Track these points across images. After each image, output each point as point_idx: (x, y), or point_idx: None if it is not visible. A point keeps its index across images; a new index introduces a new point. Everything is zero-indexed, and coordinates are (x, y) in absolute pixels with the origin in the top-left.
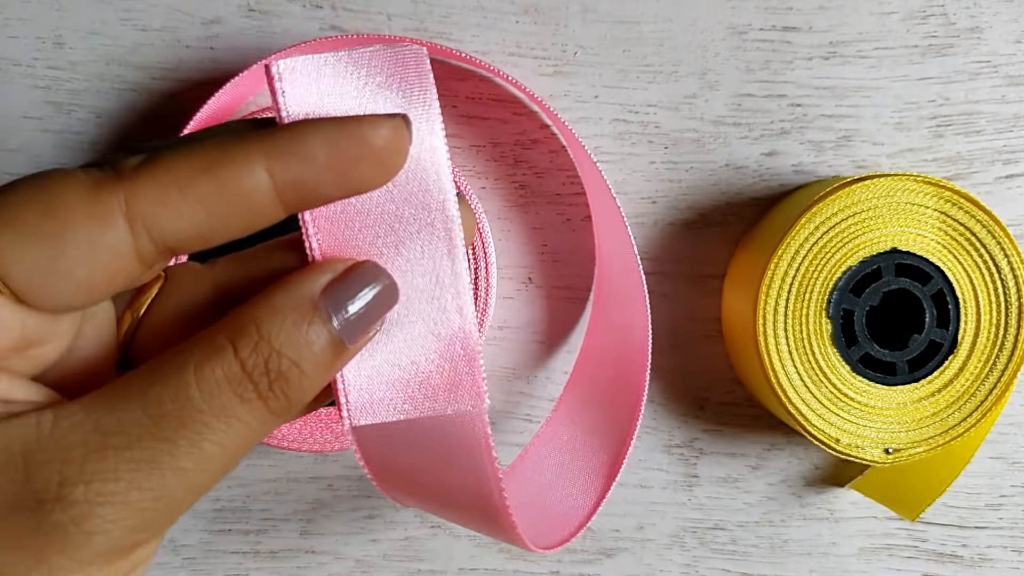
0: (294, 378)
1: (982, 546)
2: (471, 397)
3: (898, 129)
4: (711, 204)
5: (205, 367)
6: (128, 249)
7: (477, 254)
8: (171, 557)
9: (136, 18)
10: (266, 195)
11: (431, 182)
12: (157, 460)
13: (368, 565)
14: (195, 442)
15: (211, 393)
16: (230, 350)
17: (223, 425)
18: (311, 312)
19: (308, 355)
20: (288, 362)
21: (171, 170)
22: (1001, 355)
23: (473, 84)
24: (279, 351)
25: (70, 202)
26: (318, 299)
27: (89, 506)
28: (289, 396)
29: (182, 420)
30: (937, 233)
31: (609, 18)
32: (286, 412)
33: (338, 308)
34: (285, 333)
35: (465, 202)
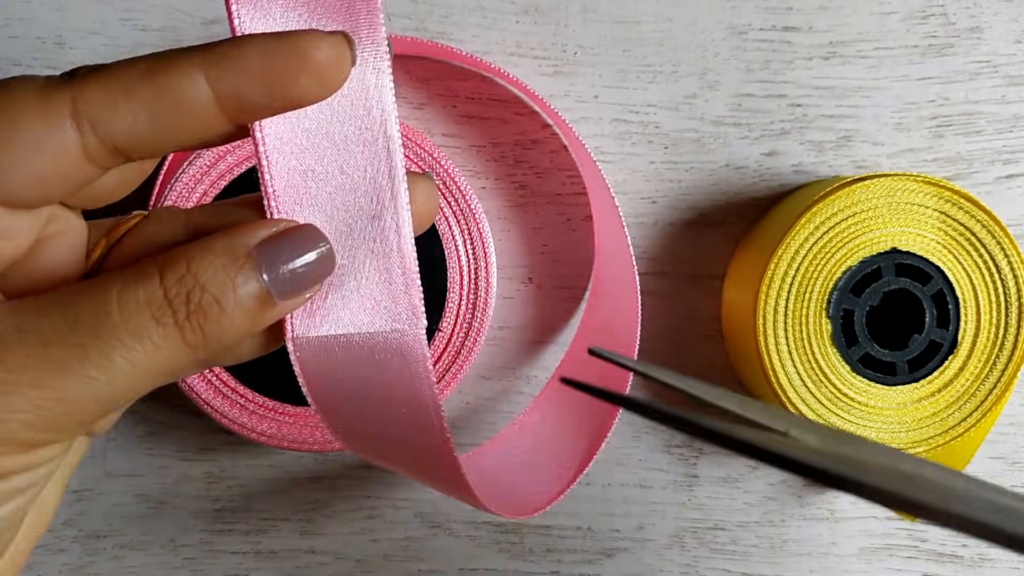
0: (213, 314)
1: (982, 546)
2: (408, 316)
3: (898, 129)
4: (711, 204)
5: (129, 287)
6: (75, 146)
7: (477, 254)
8: (171, 557)
9: (136, 18)
10: (205, 102)
11: (373, 104)
12: (65, 363)
13: (368, 565)
14: (106, 353)
15: (129, 311)
16: (156, 276)
17: (136, 344)
18: (242, 258)
19: (231, 296)
20: (209, 297)
21: (116, 75)
22: (1001, 355)
23: (473, 84)
24: (202, 285)
25: (20, 102)
26: (252, 249)
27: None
28: (205, 330)
29: (97, 331)
30: (937, 233)
31: (609, 18)
32: (200, 346)
33: (270, 262)
34: (212, 270)
35: (429, 179)
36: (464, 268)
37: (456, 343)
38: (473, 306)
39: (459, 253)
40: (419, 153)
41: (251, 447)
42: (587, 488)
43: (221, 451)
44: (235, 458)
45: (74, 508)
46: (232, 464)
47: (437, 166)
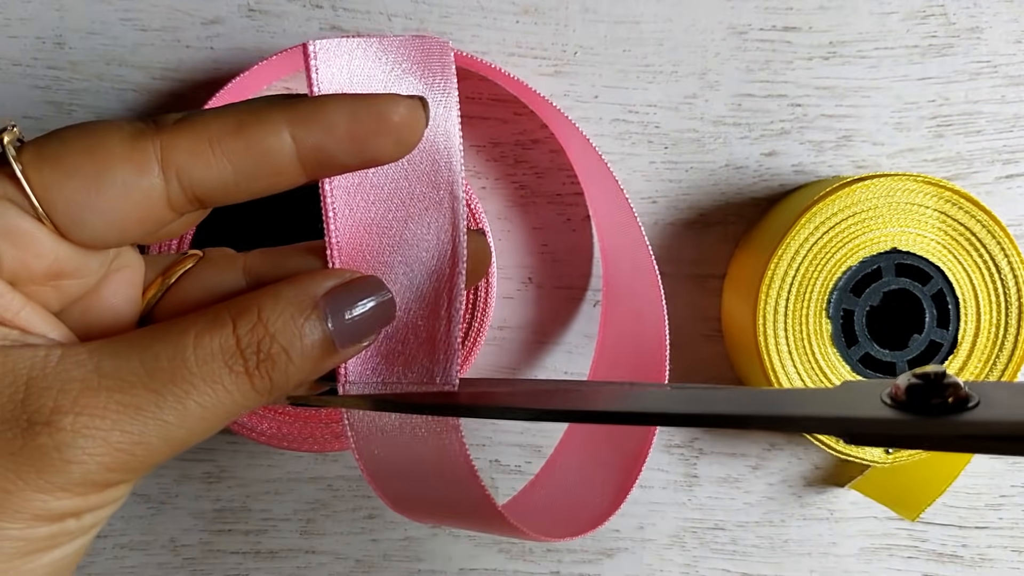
0: (280, 363)
1: (982, 546)
2: (444, 376)
3: (898, 129)
4: (711, 204)
5: (205, 335)
6: (160, 194)
7: None
8: (171, 557)
9: (136, 18)
10: (288, 156)
11: (442, 164)
12: (143, 407)
13: (368, 565)
14: (181, 399)
15: (204, 359)
16: (230, 325)
17: (209, 390)
18: (309, 308)
19: (298, 345)
20: (278, 347)
21: (205, 126)
22: (1001, 355)
23: (473, 84)
24: (272, 335)
25: (111, 147)
26: (319, 298)
27: (73, 436)
28: (273, 378)
29: (173, 377)
30: (937, 233)
31: (609, 18)
32: (267, 392)
33: (336, 311)
34: (282, 321)
35: (483, 238)
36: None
37: None
38: (473, 306)
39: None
40: None
41: (251, 447)
42: None
43: (221, 451)
44: (235, 458)
45: None
46: (232, 464)
47: None
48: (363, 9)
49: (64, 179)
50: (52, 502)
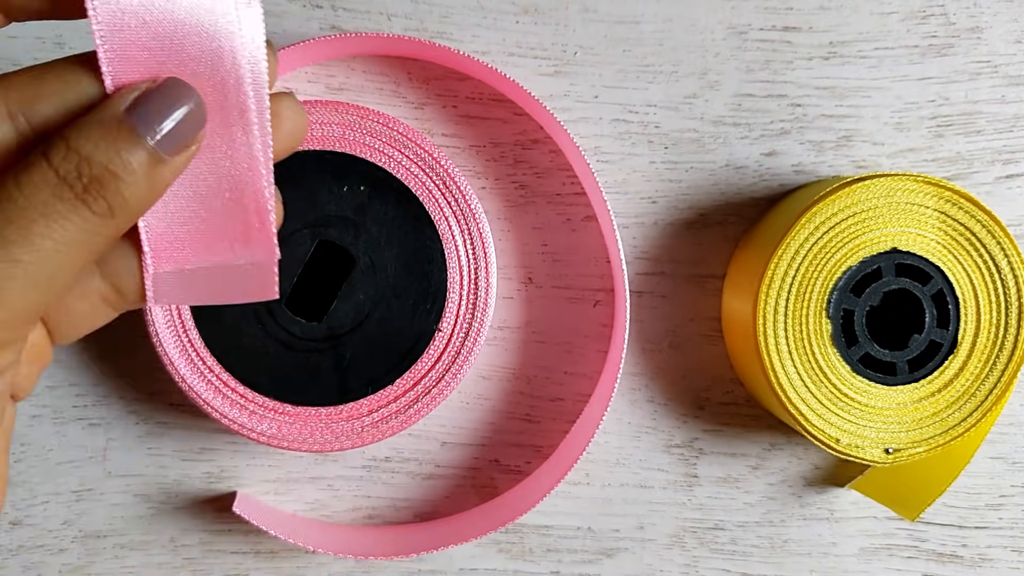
0: (109, 183)
1: (982, 546)
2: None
3: (898, 129)
4: (711, 204)
5: (22, 175)
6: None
7: (477, 254)
8: (171, 557)
9: None
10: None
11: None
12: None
13: (368, 565)
14: (23, 235)
15: (31, 194)
16: (43, 160)
17: (48, 221)
18: (117, 125)
19: (120, 163)
20: (99, 166)
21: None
22: (1001, 355)
23: (473, 84)
24: (87, 158)
25: None
26: (123, 115)
27: None
28: (108, 200)
29: (8, 217)
30: (937, 233)
31: (609, 18)
32: (109, 214)
33: (147, 123)
34: (92, 143)
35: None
36: (464, 268)
37: (456, 343)
38: (473, 306)
39: (459, 253)
40: (419, 153)
41: (251, 447)
42: (587, 488)
43: (221, 451)
44: (235, 458)
45: (74, 508)
46: (232, 464)
47: (437, 166)
48: (363, 9)
49: None
50: None
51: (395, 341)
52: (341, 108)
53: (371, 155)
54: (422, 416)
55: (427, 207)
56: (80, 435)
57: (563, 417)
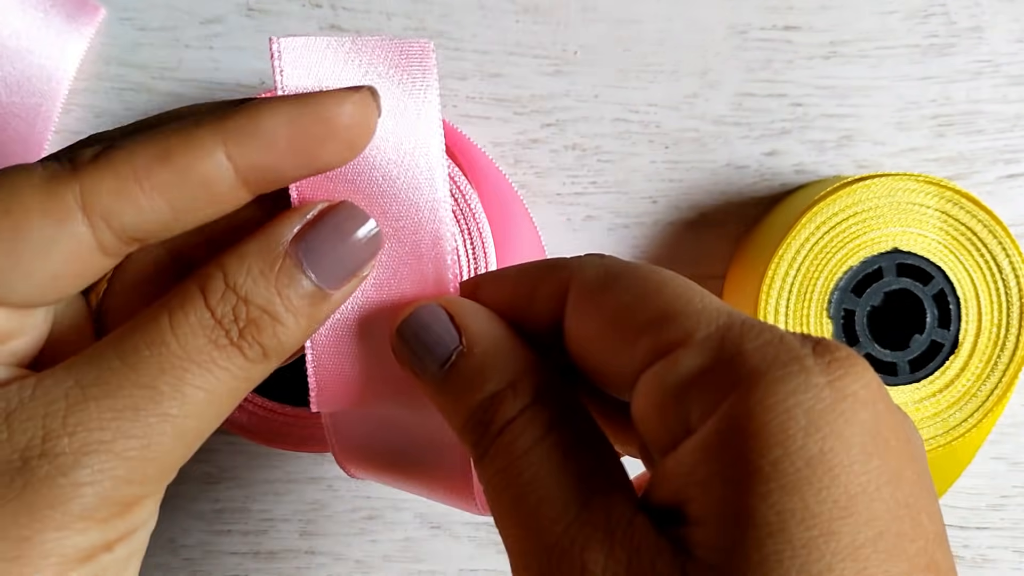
0: (266, 326)
1: (984, 547)
2: None
3: (899, 129)
4: (712, 204)
5: (178, 313)
6: (89, 243)
7: (477, 254)
8: (170, 558)
9: (135, 17)
10: (227, 181)
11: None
12: (140, 407)
13: (368, 566)
14: (176, 387)
15: (185, 339)
16: (200, 298)
17: (202, 370)
18: (279, 259)
19: (279, 303)
20: (257, 310)
21: (128, 161)
22: (1003, 355)
23: (473, 84)
24: (245, 299)
25: (25, 200)
26: (289, 245)
27: (75, 456)
28: (263, 344)
29: (161, 366)
30: (938, 233)
31: (609, 17)
32: (263, 360)
33: (313, 254)
34: (251, 281)
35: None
36: (464, 268)
37: None
38: None
39: (459, 253)
40: None
41: (250, 447)
42: None
43: (220, 451)
44: (234, 458)
45: None
46: (231, 465)
47: None
48: (363, 9)
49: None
50: (75, 537)
51: None
52: None
53: None
54: None
55: None
56: None
57: None
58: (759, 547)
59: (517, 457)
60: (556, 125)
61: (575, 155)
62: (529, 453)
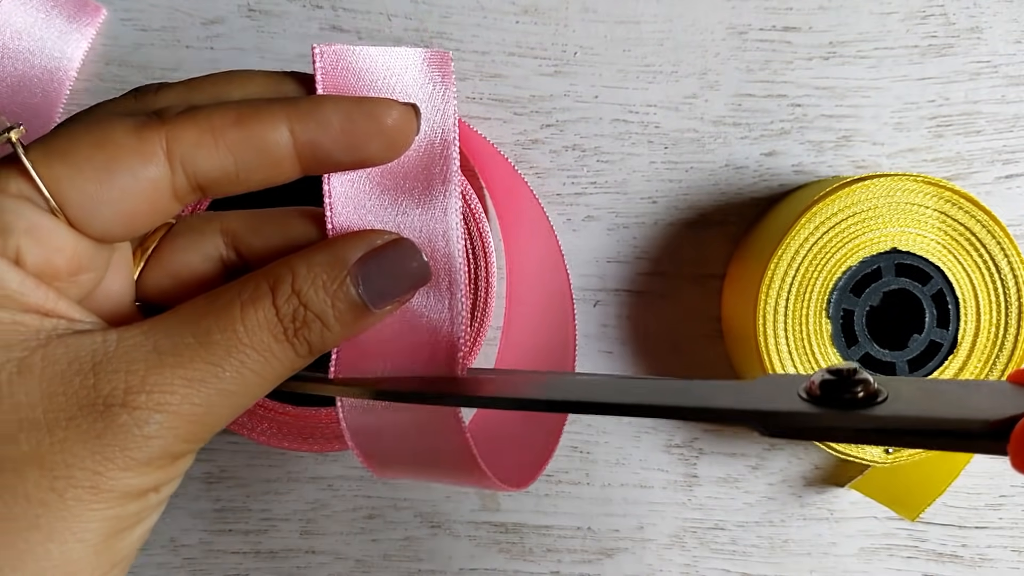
0: (316, 328)
1: (982, 546)
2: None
3: (898, 129)
4: (711, 204)
5: (249, 308)
6: (166, 183)
7: (477, 254)
8: (171, 557)
9: (136, 18)
10: (286, 150)
11: (437, 168)
12: (206, 380)
13: (368, 565)
14: (238, 369)
15: (253, 330)
16: (270, 296)
17: (261, 358)
18: (342, 275)
19: (331, 313)
20: (312, 315)
21: (208, 118)
22: (1001, 355)
23: (473, 84)
24: (306, 304)
25: (118, 139)
26: (353, 266)
27: (149, 412)
28: (311, 342)
29: (228, 350)
30: (937, 233)
31: (609, 18)
32: (308, 356)
33: (369, 277)
34: (314, 291)
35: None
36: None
37: None
38: (473, 306)
39: None
40: None
41: (251, 447)
42: (587, 488)
43: (221, 451)
44: (235, 458)
45: None
46: (232, 464)
47: None
48: (363, 9)
49: (75, 172)
50: (137, 478)
51: None
52: None
53: None
54: None
55: None
56: None
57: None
58: None
59: None
60: (556, 126)
61: (575, 155)
62: None
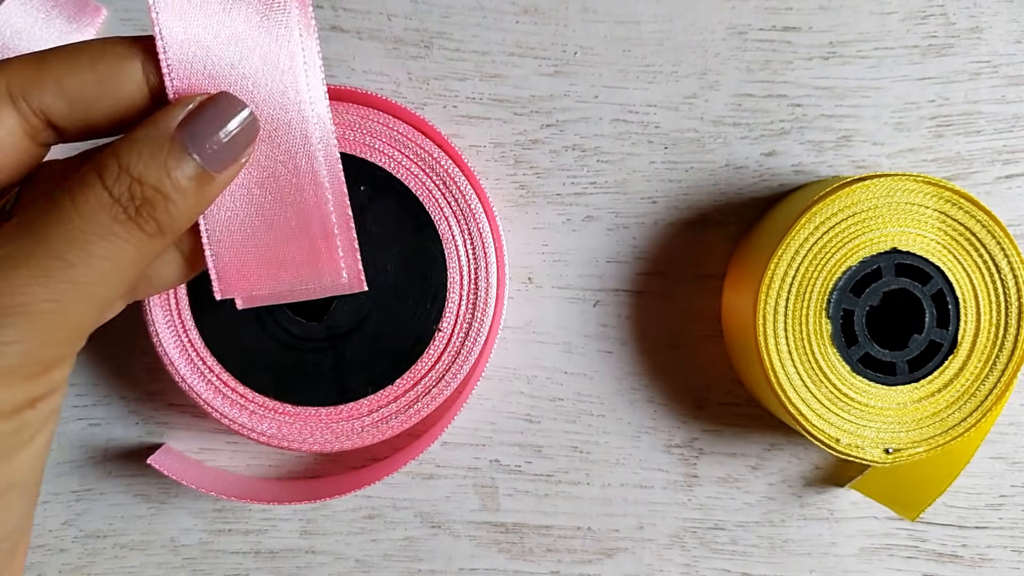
0: (159, 203)
1: (982, 546)
2: (331, 275)
3: (898, 129)
4: (711, 204)
5: (78, 195)
6: (20, 128)
7: (477, 254)
8: (171, 557)
9: (136, 18)
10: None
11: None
12: (52, 274)
13: (368, 565)
14: (83, 257)
15: (88, 215)
16: (98, 180)
17: (106, 242)
18: (167, 143)
19: (169, 183)
20: (150, 189)
21: (40, 58)
22: (1001, 355)
23: (473, 84)
24: (138, 179)
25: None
26: (175, 131)
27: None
28: (158, 220)
29: (68, 239)
30: (937, 233)
31: (609, 18)
32: (159, 233)
33: (196, 139)
34: (143, 163)
35: None
36: (464, 268)
37: (456, 343)
38: (473, 306)
39: (459, 253)
40: (419, 153)
41: (251, 447)
42: (587, 488)
43: (221, 451)
44: (235, 458)
45: (74, 508)
46: (232, 464)
47: (437, 166)
48: (363, 9)
49: None
50: (3, 392)
51: (395, 341)
52: (341, 108)
53: (371, 155)
54: (422, 416)
55: (427, 207)
56: (80, 435)
57: (563, 417)
58: None
59: None
60: (556, 126)
61: (575, 155)
62: None
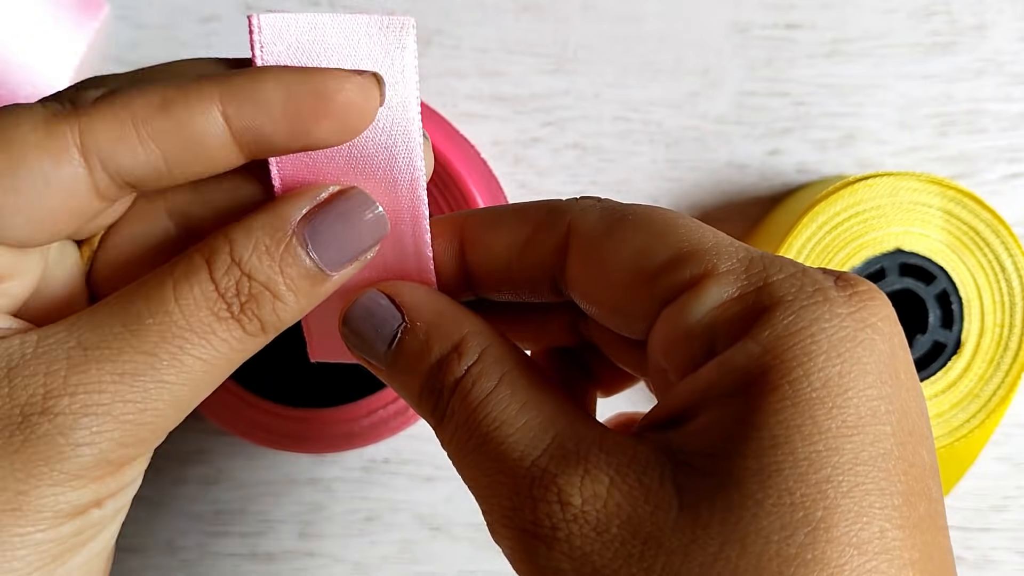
0: (266, 302)
1: (986, 548)
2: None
3: (902, 128)
4: (713, 203)
5: (183, 284)
6: (84, 184)
7: None
8: (168, 559)
9: (134, 15)
10: (220, 138)
11: (400, 156)
12: (139, 372)
13: (366, 568)
14: (176, 356)
15: (189, 310)
16: (205, 269)
17: (203, 341)
18: (286, 238)
19: (281, 281)
20: (259, 286)
21: (127, 106)
22: (1006, 356)
23: (472, 83)
24: (249, 274)
25: (25, 136)
26: (296, 225)
27: (75, 417)
28: (262, 319)
29: (162, 335)
30: (941, 233)
31: (610, 15)
32: (261, 334)
33: (317, 235)
34: (256, 257)
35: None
36: None
37: None
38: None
39: None
40: None
41: (248, 449)
42: None
43: (218, 453)
44: (232, 460)
45: None
46: (229, 466)
47: (437, 166)
48: (362, 7)
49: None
50: (70, 494)
51: None
52: None
53: None
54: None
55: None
56: None
57: None
58: (759, 456)
59: (473, 408)
60: (556, 124)
61: (575, 154)
62: (484, 403)
